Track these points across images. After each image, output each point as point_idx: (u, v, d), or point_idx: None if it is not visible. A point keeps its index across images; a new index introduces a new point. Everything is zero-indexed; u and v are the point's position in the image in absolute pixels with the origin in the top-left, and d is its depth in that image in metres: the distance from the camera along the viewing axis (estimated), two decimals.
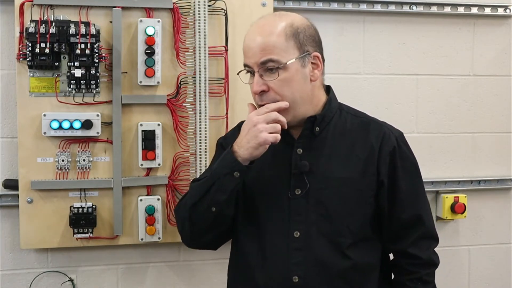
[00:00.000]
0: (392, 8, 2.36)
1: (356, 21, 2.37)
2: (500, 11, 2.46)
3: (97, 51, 1.98)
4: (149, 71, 2.05)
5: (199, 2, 2.10)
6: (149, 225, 2.10)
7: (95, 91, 2.04)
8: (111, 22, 2.03)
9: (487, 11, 2.45)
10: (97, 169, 2.08)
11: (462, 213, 2.43)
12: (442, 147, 2.48)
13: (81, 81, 1.99)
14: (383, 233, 1.67)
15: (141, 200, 2.10)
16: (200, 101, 2.11)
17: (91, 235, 2.04)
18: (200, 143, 2.11)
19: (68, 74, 1.99)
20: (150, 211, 2.10)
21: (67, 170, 2.05)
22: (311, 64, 1.60)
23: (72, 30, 1.95)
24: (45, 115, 2.00)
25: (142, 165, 2.09)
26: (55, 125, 2.00)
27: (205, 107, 2.11)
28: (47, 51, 1.93)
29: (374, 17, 2.38)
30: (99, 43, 1.99)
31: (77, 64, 1.97)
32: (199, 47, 2.10)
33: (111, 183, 2.07)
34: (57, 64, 1.99)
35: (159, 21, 2.05)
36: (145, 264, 2.24)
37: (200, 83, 2.11)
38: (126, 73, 2.07)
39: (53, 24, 1.95)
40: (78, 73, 1.98)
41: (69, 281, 2.17)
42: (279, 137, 1.54)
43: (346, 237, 1.61)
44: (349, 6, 2.32)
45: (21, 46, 1.98)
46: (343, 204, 1.61)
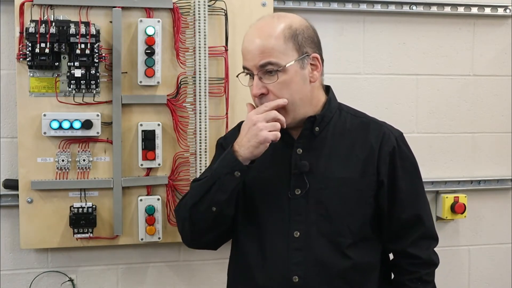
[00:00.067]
0: (392, 8, 2.36)
1: (356, 21, 2.37)
2: (500, 11, 2.46)
3: (97, 51, 1.98)
4: (149, 71, 2.05)
5: (199, 2, 2.10)
6: (149, 225, 2.10)
7: (95, 91, 2.04)
8: (111, 22, 2.03)
9: (487, 11, 2.45)
10: (97, 169, 2.08)
11: (462, 213, 2.42)
12: (442, 147, 2.48)
13: (81, 81, 1.99)
14: (383, 233, 1.68)
15: (141, 200, 2.10)
16: (200, 101, 2.11)
17: (91, 235, 2.04)
18: (200, 143, 2.11)
19: (68, 74, 1.99)
20: (150, 211, 2.10)
21: (67, 170, 2.05)
22: (310, 65, 1.60)
23: (72, 30, 1.95)
24: (45, 115, 2.00)
25: (142, 165, 2.09)
26: (55, 125, 2.00)
27: (205, 107, 2.11)
28: (47, 51, 1.93)
29: (374, 17, 2.38)
30: (99, 43, 1.99)
31: (77, 64, 1.97)
32: (199, 47, 2.10)
33: (111, 183, 2.07)
34: (57, 64, 1.99)
35: (159, 21, 2.05)
36: (145, 264, 2.24)
37: (200, 83, 2.11)
38: (126, 73, 2.07)
39: (53, 24, 1.95)
40: (78, 73, 1.98)
41: (69, 281, 2.17)
42: (279, 135, 1.54)
43: (346, 237, 1.61)
44: (349, 6, 2.32)
45: (21, 46, 1.98)
46: (343, 204, 1.61)
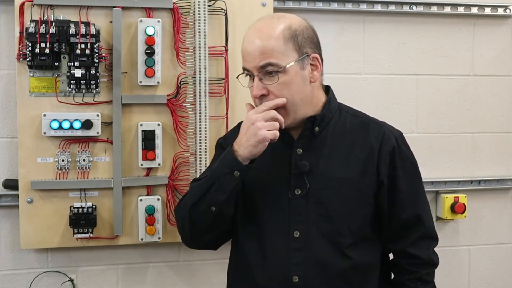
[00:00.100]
0: (392, 8, 2.36)
1: (356, 21, 2.37)
2: (500, 11, 2.46)
3: (97, 51, 1.98)
4: (149, 71, 2.05)
5: (199, 2, 2.10)
6: (149, 225, 2.10)
7: (95, 91, 2.04)
8: (111, 22, 2.03)
9: (487, 11, 2.45)
10: (97, 169, 2.08)
11: (462, 213, 2.42)
12: (442, 147, 2.48)
13: (81, 81, 1.99)
14: (383, 233, 1.67)
15: (141, 200, 2.10)
16: (200, 101, 2.11)
17: (91, 235, 2.04)
18: (200, 143, 2.11)
19: (68, 74, 1.99)
20: (150, 211, 2.10)
21: (67, 170, 2.05)
22: (310, 65, 1.60)
23: (72, 30, 1.95)
24: (45, 115, 2.00)
25: (142, 165, 2.09)
26: (55, 125, 2.00)
27: (205, 107, 2.11)
28: (47, 51, 1.93)
29: (374, 17, 2.38)
30: (99, 43, 1.99)
31: (77, 64, 1.97)
32: (199, 47, 2.10)
33: (111, 183, 2.07)
34: (57, 64, 1.99)
35: (159, 21, 2.05)
36: (145, 264, 2.24)
37: (200, 83, 2.11)
38: (126, 73, 2.07)
39: (53, 24, 1.95)
40: (78, 73, 1.98)
41: (69, 281, 2.17)
42: (278, 134, 1.54)
43: (346, 237, 1.61)
44: (349, 6, 2.32)
45: (21, 46, 1.98)
46: (343, 204, 1.61)
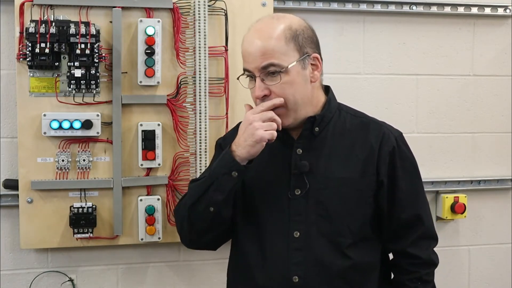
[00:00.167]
0: (392, 8, 2.36)
1: (356, 21, 2.37)
2: (500, 11, 2.46)
3: (97, 51, 1.98)
4: (149, 71, 2.05)
5: (199, 2, 2.10)
6: (149, 225, 2.10)
7: (95, 91, 2.04)
8: (111, 22, 2.03)
9: (487, 11, 2.45)
10: (97, 169, 2.08)
11: (462, 213, 2.42)
12: (442, 147, 2.48)
13: (81, 81, 1.99)
14: (383, 233, 1.67)
15: (141, 200, 2.10)
16: (200, 101, 2.11)
17: (91, 235, 2.04)
18: (200, 143, 2.11)
19: (68, 74, 1.99)
20: (150, 211, 2.10)
21: (67, 170, 2.05)
22: (311, 65, 1.60)
23: (72, 30, 1.95)
24: (45, 115, 2.00)
25: (142, 165, 2.09)
26: (55, 125, 2.00)
27: (205, 107, 2.11)
28: (47, 51, 1.93)
29: (374, 17, 2.38)
30: (99, 43, 1.99)
31: (77, 64, 1.97)
32: (199, 47, 2.10)
33: (111, 183, 2.07)
34: (57, 64, 1.99)
35: (159, 21, 2.05)
36: (145, 264, 2.24)
37: (200, 83, 2.11)
38: (126, 73, 2.07)
39: (53, 24, 1.95)
40: (78, 73, 1.98)
41: (69, 281, 2.17)
42: (275, 134, 1.54)
43: (346, 237, 1.61)
44: (349, 6, 2.32)
45: (21, 46, 1.98)
46: (343, 204, 1.61)
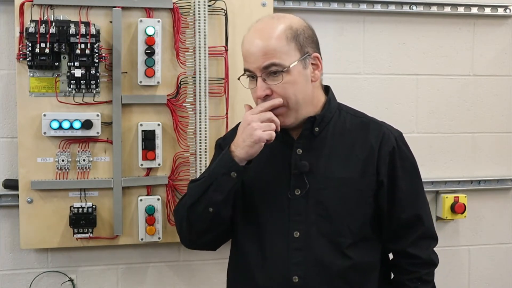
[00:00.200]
0: (392, 8, 2.36)
1: (356, 21, 2.37)
2: (500, 11, 2.46)
3: (97, 51, 1.98)
4: (149, 71, 2.05)
5: (199, 2, 2.10)
6: (149, 225, 2.10)
7: (95, 91, 2.04)
8: (111, 22, 2.03)
9: (487, 11, 2.45)
10: (97, 169, 2.08)
11: (462, 213, 2.42)
12: (442, 147, 2.48)
13: (81, 81, 1.99)
14: (383, 233, 1.68)
15: (141, 200, 2.10)
16: (200, 101, 2.11)
17: (91, 235, 2.04)
18: (200, 143, 2.11)
19: (68, 74, 1.99)
20: (150, 211, 2.10)
21: (67, 170, 2.05)
22: (311, 65, 1.60)
23: (72, 30, 1.95)
24: (45, 115, 2.00)
25: (142, 165, 2.09)
26: (55, 125, 2.00)
27: (205, 107, 2.11)
28: (47, 51, 1.93)
29: (374, 17, 2.38)
30: (99, 43, 1.99)
31: (77, 64, 1.97)
32: (199, 47, 2.10)
33: (111, 183, 2.07)
34: (57, 64, 1.99)
35: (159, 21, 2.05)
36: (145, 264, 2.24)
37: (200, 83, 2.11)
38: (126, 73, 2.07)
39: (53, 24, 1.95)
40: (78, 73, 1.98)
41: (69, 281, 2.17)
42: (273, 135, 1.54)
43: (346, 237, 1.61)
44: (349, 6, 2.32)
45: (21, 46, 1.98)
46: (343, 204, 1.61)
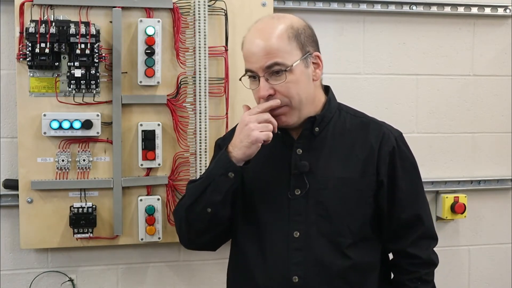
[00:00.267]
0: (392, 8, 2.36)
1: (356, 21, 2.37)
2: (500, 11, 2.46)
3: (97, 51, 1.98)
4: (149, 71, 2.05)
5: (199, 2, 2.10)
6: (149, 225, 2.10)
7: (95, 91, 2.04)
8: (111, 22, 2.03)
9: (487, 11, 2.45)
10: (97, 169, 2.08)
11: (462, 213, 2.42)
12: (442, 147, 2.48)
13: (81, 81, 1.99)
14: (383, 233, 1.67)
15: (141, 200, 2.10)
16: (200, 101, 2.11)
17: (91, 235, 2.04)
18: (200, 143, 2.11)
19: (68, 74, 1.99)
20: (150, 211, 2.10)
21: (67, 170, 2.05)
22: (313, 64, 1.60)
23: (72, 30, 1.95)
24: (45, 115, 2.00)
25: (142, 165, 2.09)
26: (55, 125, 2.00)
27: (205, 107, 2.11)
28: (47, 51, 1.93)
29: (374, 17, 2.38)
30: (99, 43, 1.99)
31: (77, 64, 1.97)
32: (199, 47, 2.10)
33: (111, 183, 2.07)
34: (57, 64, 2.00)
35: (159, 21, 2.05)
36: (145, 264, 2.24)
37: (200, 83, 2.11)
38: (126, 73, 2.07)
39: (53, 24, 1.95)
40: (78, 73, 1.98)
41: (69, 281, 2.17)
42: (271, 136, 1.54)
43: (346, 237, 1.61)
44: (349, 6, 2.32)
45: (21, 46, 1.98)
46: (343, 204, 1.61)
